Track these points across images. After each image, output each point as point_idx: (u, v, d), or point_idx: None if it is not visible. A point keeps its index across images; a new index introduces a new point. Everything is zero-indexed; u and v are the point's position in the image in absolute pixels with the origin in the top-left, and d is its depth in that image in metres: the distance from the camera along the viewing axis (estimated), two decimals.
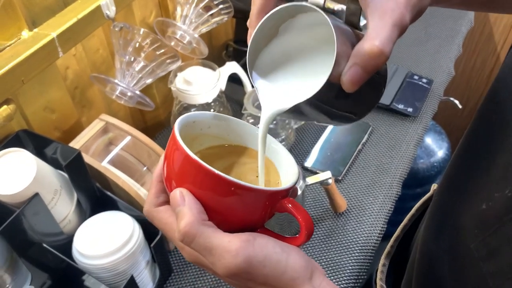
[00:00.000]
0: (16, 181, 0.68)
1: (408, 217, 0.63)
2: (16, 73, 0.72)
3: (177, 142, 0.38)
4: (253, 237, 0.37)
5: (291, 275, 0.37)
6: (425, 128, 1.17)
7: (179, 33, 1.01)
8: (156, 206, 0.41)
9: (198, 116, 0.43)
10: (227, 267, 0.35)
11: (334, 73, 0.35)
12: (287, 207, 0.39)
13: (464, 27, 1.48)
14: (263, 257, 0.36)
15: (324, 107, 0.39)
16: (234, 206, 0.38)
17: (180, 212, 0.36)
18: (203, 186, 0.37)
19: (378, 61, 0.34)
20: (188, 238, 0.36)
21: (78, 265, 0.75)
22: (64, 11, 0.82)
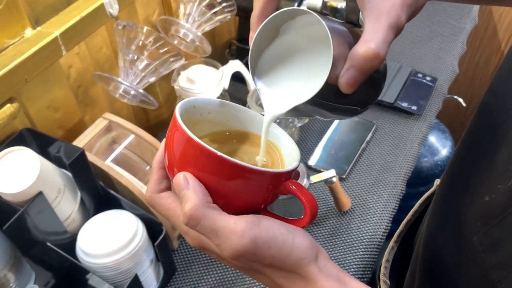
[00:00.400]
0: (19, 180, 0.68)
1: (412, 213, 0.63)
2: (19, 72, 0.72)
3: (179, 125, 0.38)
4: (258, 219, 0.37)
5: (297, 255, 0.37)
6: (429, 126, 1.16)
7: (182, 31, 1.01)
8: (159, 193, 0.41)
9: (198, 101, 0.43)
10: (233, 248, 0.35)
11: (332, 75, 0.36)
12: (291, 188, 0.39)
13: (468, 24, 1.47)
14: (269, 238, 0.36)
15: (325, 104, 0.39)
16: (238, 188, 0.38)
17: (185, 195, 0.36)
18: (206, 169, 0.37)
19: (373, 63, 0.35)
20: (194, 221, 0.36)
21: (82, 264, 0.75)
22: (67, 10, 0.82)
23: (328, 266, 0.39)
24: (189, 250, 0.92)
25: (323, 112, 0.41)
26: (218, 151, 0.36)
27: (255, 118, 0.46)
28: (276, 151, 0.45)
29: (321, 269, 0.38)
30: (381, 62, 0.36)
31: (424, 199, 0.63)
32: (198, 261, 0.90)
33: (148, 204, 0.42)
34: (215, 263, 0.90)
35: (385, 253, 0.61)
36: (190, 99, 0.43)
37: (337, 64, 0.36)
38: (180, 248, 0.92)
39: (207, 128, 0.45)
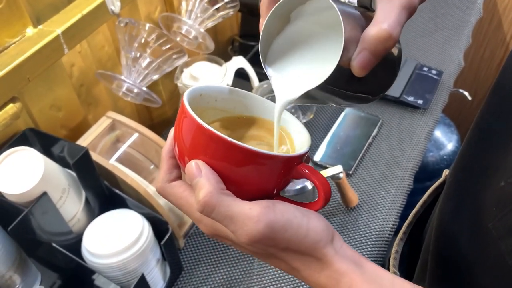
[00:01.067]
0: (24, 180, 0.67)
1: (420, 204, 0.62)
2: (21, 71, 0.71)
3: (188, 112, 0.37)
4: (273, 204, 0.37)
5: (313, 238, 0.37)
6: (435, 120, 1.15)
7: (185, 28, 1.00)
8: (169, 182, 0.41)
9: (205, 89, 0.43)
10: (249, 234, 0.35)
11: (344, 58, 0.35)
12: (304, 172, 0.39)
13: (473, 17, 1.46)
14: (284, 222, 0.36)
15: (338, 91, 0.39)
16: (250, 174, 0.37)
17: (198, 183, 0.36)
18: (218, 155, 0.37)
19: (386, 45, 0.35)
20: (209, 208, 0.35)
21: (88, 264, 0.74)
22: (68, 7, 0.81)
23: (343, 248, 0.39)
24: (196, 249, 0.91)
25: (336, 99, 0.41)
26: (229, 137, 0.36)
27: (263, 104, 0.45)
28: (286, 136, 0.44)
29: (337, 251, 0.38)
30: (394, 43, 0.35)
31: (432, 190, 0.62)
32: (204, 260, 0.89)
33: (160, 194, 0.42)
34: (222, 262, 0.89)
35: (394, 244, 0.60)
36: (197, 87, 0.42)
37: (349, 47, 0.36)
38: (186, 247, 0.92)
39: (215, 115, 0.45)
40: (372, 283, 0.37)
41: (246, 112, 0.46)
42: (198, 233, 0.94)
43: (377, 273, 0.38)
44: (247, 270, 0.88)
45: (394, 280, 0.38)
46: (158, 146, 0.91)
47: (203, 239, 0.93)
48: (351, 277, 0.37)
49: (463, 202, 0.46)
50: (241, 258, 0.89)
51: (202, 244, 0.92)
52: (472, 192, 0.44)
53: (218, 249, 0.91)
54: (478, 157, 0.45)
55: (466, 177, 0.46)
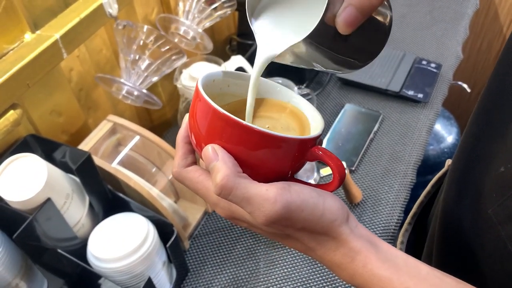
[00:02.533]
0: (27, 187, 0.66)
1: (424, 194, 0.62)
2: (21, 77, 0.71)
3: (203, 97, 0.37)
4: (289, 185, 0.37)
5: (328, 217, 0.37)
6: (436, 114, 1.15)
7: (183, 28, 0.99)
8: (185, 167, 0.41)
9: (217, 74, 0.43)
10: (266, 215, 0.36)
11: (329, 14, 0.35)
12: (318, 154, 0.39)
13: (470, 9, 1.45)
14: (300, 202, 0.36)
15: (323, 51, 0.38)
16: (266, 157, 0.38)
17: (215, 167, 0.36)
18: (234, 139, 0.37)
19: (373, 1, 0.34)
20: (226, 190, 0.36)
21: (94, 269, 0.74)
22: (66, 12, 0.80)
23: (358, 228, 0.39)
24: (201, 250, 0.91)
25: (321, 60, 0.40)
26: (244, 121, 0.36)
27: (275, 88, 0.46)
28: (302, 118, 0.44)
29: (352, 230, 0.38)
30: (381, 1, 0.35)
31: (436, 180, 0.62)
32: (210, 261, 0.89)
33: (176, 179, 0.42)
34: (228, 262, 0.89)
35: (399, 235, 0.61)
36: (210, 73, 0.42)
37: (335, 3, 0.35)
38: (191, 248, 0.91)
39: (227, 100, 0.45)
40: (386, 262, 0.37)
41: (258, 95, 0.46)
42: (203, 234, 0.93)
43: (391, 252, 0.38)
44: (253, 270, 0.87)
45: (408, 259, 0.38)
46: (160, 148, 0.90)
47: (208, 240, 0.92)
48: (365, 255, 0.37)
49: (465, 189, 0.46)
50: (246, 258, 0.89)
51: (207, 245, 0.92)
52: (473, 179, 0.45)
53: (223, 249, 0.91)
54: (478, 144, 0.46)
55: (467, 164, 0.47)
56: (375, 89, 1.19)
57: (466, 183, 0.46)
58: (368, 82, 1.19)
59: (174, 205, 0.89)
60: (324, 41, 0.37)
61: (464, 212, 0.46)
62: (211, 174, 0.37)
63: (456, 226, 0.47)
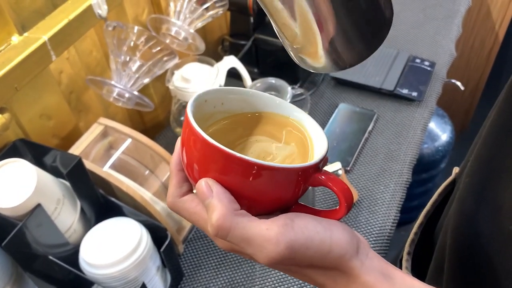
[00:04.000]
0: (16, 193, 0.65)
1: (431, 203, 0.60)
2: (8, 80, 0.69)
3: (194, 128, 0.35)
4: (291, 220, 0.34)
5: (337, 252, 0.35)
6: (431, 112, 1.14)
7: (174, 29, 0.98)
8: (181, 197, 0.39)
9: (209, 93, 0.41)
10: (269, 257, 0.33)
11: None
12: (321, 180, 0.37)
13: (462, 6, 1.45)
14: (304, 240, 0.34)
15: None
16: (265, 188, 0.35)
17: (210, 205, 0.34)
18: (229, 172, 0.35)
19: None
20: (223, 231, 0.34)
21: (87, 275, 0.72)
22: (54, 13, 0.79)
23: (370, 258, 0.36)
24: (196, 254, 0.90)
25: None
26: (239, 154, 0.34)
27: (274, 101, 0.43)
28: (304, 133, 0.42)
29: (363, 263, 0.36)
30: None
31: (443, 189, 0.60)
32: (205, 265, 0.88)
33: (172, 210, 0.40)
34: (223, 266, 0.87)
35: (405, 246, 0.59)
36: (201, 93, 0.40)
37: None
38: (186, 252, 0.90)
39: (223, 116, 0.43)
40: None
41: (257, 109, 0.44)
42: (197, 237, 0.92)
43: (406, 283, 0.36)
44: (249, 274, 0.86)
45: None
46: (152, 151, 0.89)
47: (203, 243, 0.91)
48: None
49: (481, 205, 0.45)
50: (242, 262, 0.88)
51: (202, 249, 0.90)
52: (491, 194, 0.43)
53: (218, 253, 0.89)
54: (495, 157, 0.44)
55: (484, 177, 0.45)
56: (369, 88, 1.18)
57: (483, 197, 0.44)
58: (362, 81, 1.18)
59: (167, 208, 0.87)
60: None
61: (481, 228, 0.44)
62: (207, 211, 0.35)
63: (472, 242, 0.46)
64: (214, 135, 0.37)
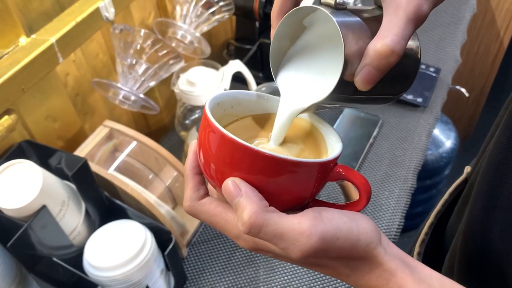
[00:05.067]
0: (22, 194, 0.65)
1: (442, 203, 0.60)
2: (16, 82, 0.69)
3: (217, 128, 0.35)
4: (319, 213, 0.35)
5: (364, 241, 0.36)
6: (436, 118, 1.14)
7: (180, 33, 0.98)
8: (199, 200, 0.39)
9: (221, 97, 0.41)
10: (302, 249, 0.34)
11: (348, 73, 0.35)
12: (341, 174, 0.38)
13: (468, 13, 1.45)
14: (334, 230, 0.35)
15: (346, 99, 0.38)
16: (288, 184, 0.36)
17: (239, 203, 0.34)
18: (255, 170, 0.35)
19: (389, 60, 0.34)
20: (256, 228, 0.34)
21: (90, 278, 0.72)
22: (61, 15, 0.79)
23: (390, 246, 0.38)
24: (199, 258, 0.89)
25: (351, 104, 0.40)
26: (265, 150, 0.34)
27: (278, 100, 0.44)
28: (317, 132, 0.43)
29: (386, 250, 0.37)
30: (398, 58, 0.34)
31: (454, 188, 0.60)
32: (209, 268, 0.88)
33: (189, 214, 0.40)
34: (227, 270, 0.87)
35: (415, 246, 0.59)
36: (213, 97, 0.41)
37: (353, 61, 0.35)
38: (189, 256, 0.90)
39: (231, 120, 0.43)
40: (421, 283, 0.36)
41: (266, 111, 0.44)
42: (201, 241, 0.92)
43: (425, 273, 0.37)
44: (253, 277, 0.86)
45: (443, 280, 0.37)
46: (157, 154, 0.89)
47: (206, 247, 0.91)
48: (400, 276, 0.36)
49: (494, 204, 0.45)
50: (246, 265, 0.88)
51: (206, 253, 0.90)
52: (504, 194, 0.43)
53: (222, 257, 0.89)
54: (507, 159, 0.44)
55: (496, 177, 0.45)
56: None
57: (496, 197, 0.44)
58: None
59: (171, 211, 0.87)
60: (348, 93, 0.37)
61: (492, 229, 0.44)
62: (235, 211, 0.35)
63: (483, 242, 0.46)
64: None
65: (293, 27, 0.40)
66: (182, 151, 1.05)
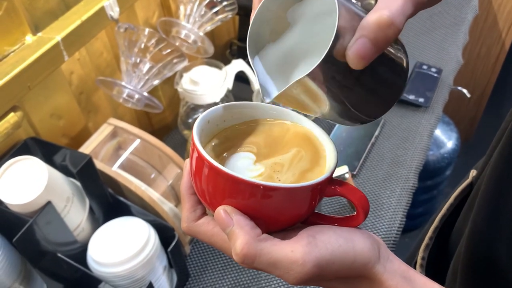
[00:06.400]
0: (27, 190, 0.66)
1: (447, 207, 0.59)
2: (22, 79, 0.70)
3: (203, 156, 0.35)
4: (313, 237, 0.35)
5: (361, 262, 0.35)
6: (437, 118, 1.15)
7: (184, 32, 0.99)
8: (196, 221, 0.39)
9: (210, 114, 0.40)
10: (297, 277, 0.34)
11: (339, 47, 0.31)
12: (336, 191, 0.37)
13: (469, 14, 1.46)
14: (330, 255, 0.34)
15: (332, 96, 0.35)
16: (283, 207, 0.36)
17: (232, 233, 0.34)
18: (245, 197, 0.35)
19: (388, 33, 0.30)
20: (249, 259, 0.34)
21: (94, 273, 0.73)
22: (67, 14, 0.80)
23: (390, 261, 0.37)
24: (202, 255, 0.90)
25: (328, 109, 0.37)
26: (252, 179, 0.34)
27: (280, 110, 0.42)
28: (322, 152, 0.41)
29: (385, 268, 0.36)
30: (396, 33, 0.31)
31: (459, 192, 0.59)
32: (211, 266, 0.88)
33: (188, 234, 0.40)
34: (229, 268, 0.88)
35: (419, 250, 0.58)
36: (202, 115, 0.39)
37: (345, 36, 0.31)
38: (192, 253, 0.90)
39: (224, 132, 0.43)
40: None
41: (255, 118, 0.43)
42: None
43: (427, 286, 0.36)
44: (254, 275, 0.86)
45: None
46: (161, 152, 0.90)
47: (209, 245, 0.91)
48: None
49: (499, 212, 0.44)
50: None
51: (208, 250, 0.91)
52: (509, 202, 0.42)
53: (224, 255, 0.90)
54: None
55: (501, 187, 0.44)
56: None
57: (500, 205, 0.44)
58: None
59: (174, 209, 0.88)
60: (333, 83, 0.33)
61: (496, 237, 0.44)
62: (229, 240, 0.35)
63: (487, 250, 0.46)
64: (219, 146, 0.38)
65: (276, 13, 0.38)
66: (185, 150, 1.05)
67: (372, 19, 0.31)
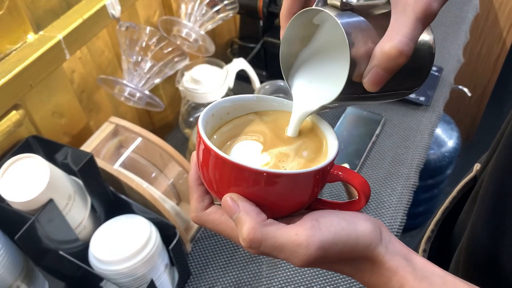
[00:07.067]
0: (29, 188, 0.66)
1: (450, 200, 0.60)
2: (24, 77, 0.70)
3: (209, 146, 0.36)
4: (317, 220, 0.36)
5: (363, 244, 0.36)
6: (438, 117, 1.15)
7: (185, 31, 0.99)
8: (204, 210, 0.40)
9: (215, 107, 0.42)
10: (302, 260, 0.35)
11: (356, 74, 0.35)
12: (339, 176, 0.38)
13: (470, 13, 1.46)
14: (333, 238, 0.35)
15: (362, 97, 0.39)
16: (287, 194, 0.37)
17: (238, 219, 0.36)
18: (250, 185, 0.36)
19: (398, 61, 0.33)
20: (255, 243, 0.35)
21: (96, 271, 0.73)
22: (68, 13, 0.80)
23: (392, 243, 0.38)
24: (203, 253, 0.90)
25: (364, 102, 0.41)
26: (257, 166, 0.35)
27: (281, 102, 0.44)
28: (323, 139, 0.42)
29: (387, 249, 0.37)
30: (406, 59, 0.34)
31: (463, 185, 0.60)
32: (212, 264, 0.88)
33: (196, 223, 0.41)
34: (230, 265, 0.88)
35: (421, 243, 0.59)
36: (207, 109, 0.41)
37: (361, 62, 0.35)
38: (193, 251, 0.91)
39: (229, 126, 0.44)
40: (423, 280, 0.36)
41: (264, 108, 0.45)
42: (205, 237, 0.93)
43: (427, 269, 0.37)
44: (256, 273, 0.87)
45: (446, 277, 0.37)
46: (162, 150, 0.90)
47: (210, 243, 0.92)
48: (402, 274, 0.36)
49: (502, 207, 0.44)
50: (249, 261, 0.88)
51: (209, 248, 0.91)
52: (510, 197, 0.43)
53: (225, 252, 0.90)
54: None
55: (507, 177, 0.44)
56: None
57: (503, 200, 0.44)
58: None
59: (176, 207, 0.88)
60: (358, 93, 0.37)
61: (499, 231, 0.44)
62: (236, 226, 0.36)
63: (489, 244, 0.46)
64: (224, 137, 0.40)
65: (302, 27, 0.40)
66: (186, 149, 1.06)
67: (382, 50, 0.33)
